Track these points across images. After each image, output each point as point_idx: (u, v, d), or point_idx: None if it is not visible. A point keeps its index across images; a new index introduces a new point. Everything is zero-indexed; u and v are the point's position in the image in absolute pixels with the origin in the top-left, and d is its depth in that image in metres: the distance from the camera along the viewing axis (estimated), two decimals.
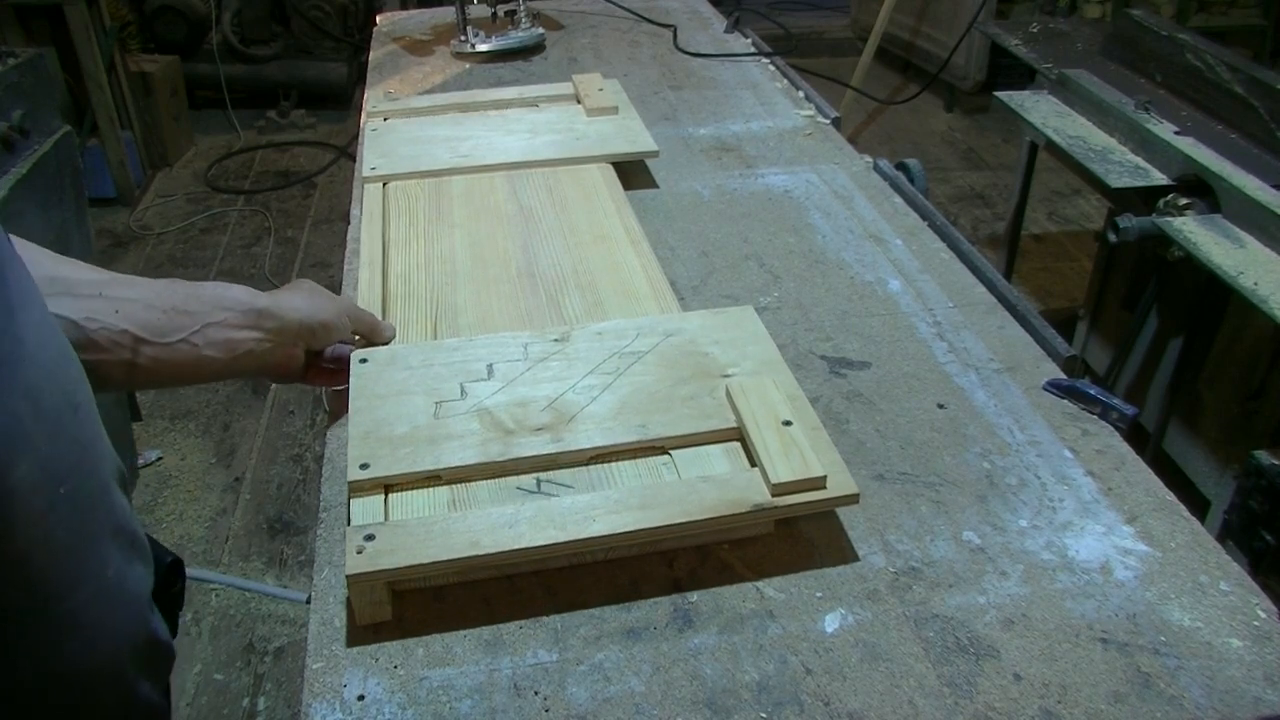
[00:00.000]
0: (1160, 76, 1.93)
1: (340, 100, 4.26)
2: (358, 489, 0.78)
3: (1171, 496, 0.85)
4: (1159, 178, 1.64)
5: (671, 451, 0.83)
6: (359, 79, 4.05)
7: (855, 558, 0.79)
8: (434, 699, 0.68)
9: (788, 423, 0.82)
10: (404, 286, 1.09)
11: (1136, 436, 0.99)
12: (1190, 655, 0.71)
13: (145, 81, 3.61)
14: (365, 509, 0.77)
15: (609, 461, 0.82)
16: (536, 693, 0.69)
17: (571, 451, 0.82)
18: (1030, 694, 0.68)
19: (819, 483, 0.77)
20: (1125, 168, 1.68)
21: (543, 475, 0.81)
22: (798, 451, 0.79)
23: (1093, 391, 0.94)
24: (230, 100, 4.14)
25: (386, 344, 0.96)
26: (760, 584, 0.77)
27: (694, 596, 0.76)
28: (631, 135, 1.42)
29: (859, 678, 0.70)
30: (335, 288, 0.92)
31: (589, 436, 0.83)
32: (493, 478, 0.81)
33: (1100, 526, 0.82)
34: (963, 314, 1.10)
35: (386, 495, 0.79)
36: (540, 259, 1.14)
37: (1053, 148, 1.83)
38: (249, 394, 2.62)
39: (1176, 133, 1.67)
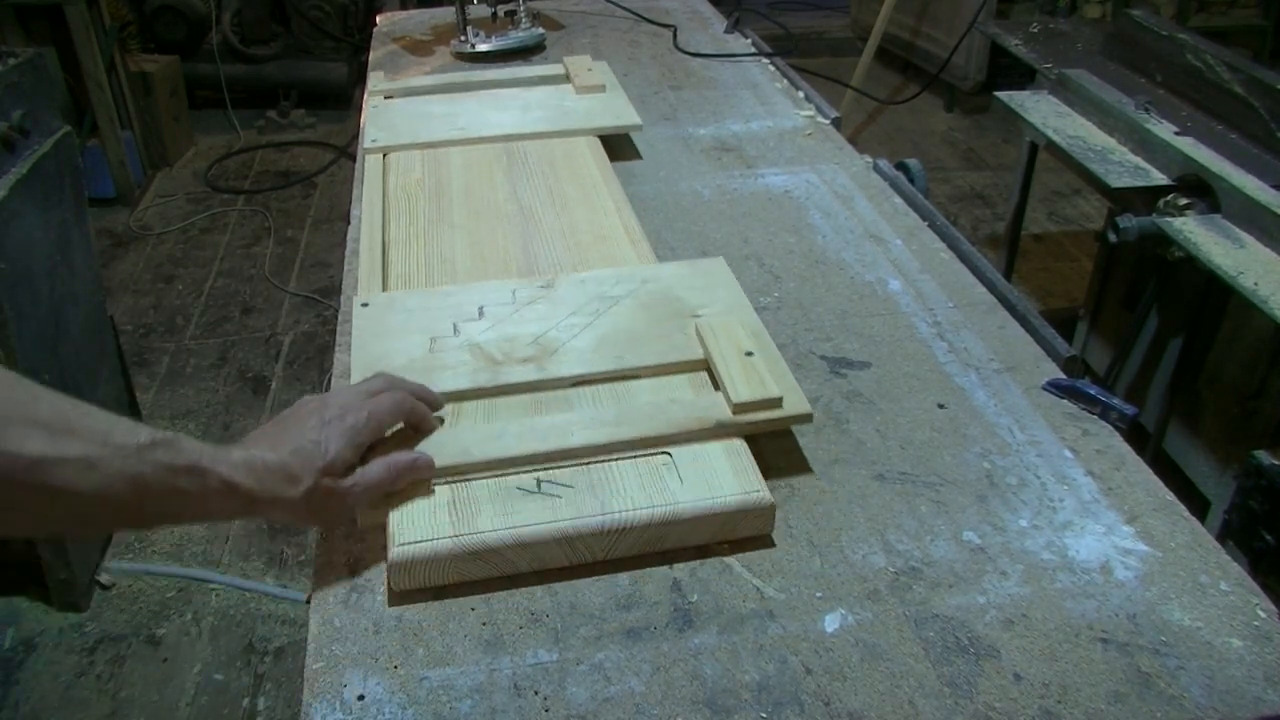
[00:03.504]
0: (1160, 76, 1.93)
1: (340, 100, 4.25)
2: None
3: (1171, 496, 0.85)
4: (1159, 178, 1.64)
5: (672, 451, 0.83)
6: (359, 79, 4.05)
7: (855, 557, 0.79)
8: (434, 699, 0.68)
9: (750, 353, 0.90)
10: (402, 249, 1.17)
11: (1136, 436, 0.99)
12: (1190, 655, 0.71)
13: (145, 81, 3.61)
14: None
15: (609, 460, 0.82)
16: (536, 693, 0.69)
17: (554, 378, 0.90)
18: (1030, 694, 0.68)
19: (776, 403, 0.85)
20: (1125, 168, 1.68)
21: (542, 475, 0.81)
22: (757, 376, 0.87)
23: (1093, 391, 0.94)
24: (230, 100, 4.13)
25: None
26: (760, 584, 0.77)
27: (694, 596, 0.76)
28: (617, 111, 1.51)
29: (859, 678, 0.70)
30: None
31: (570, 366, 0.91)
32: (483, 399, 0.89)
33: (1100, 526, 0.82)
34: (963, 314, 1.09)
35: None
36: (532, 215, 1.24)
37: (1053, 148, 1.82)
38: (249, 394, 2.62)
39: (1176, 133, 1.67)
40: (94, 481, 0.61)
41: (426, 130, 1.44)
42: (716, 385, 0.88)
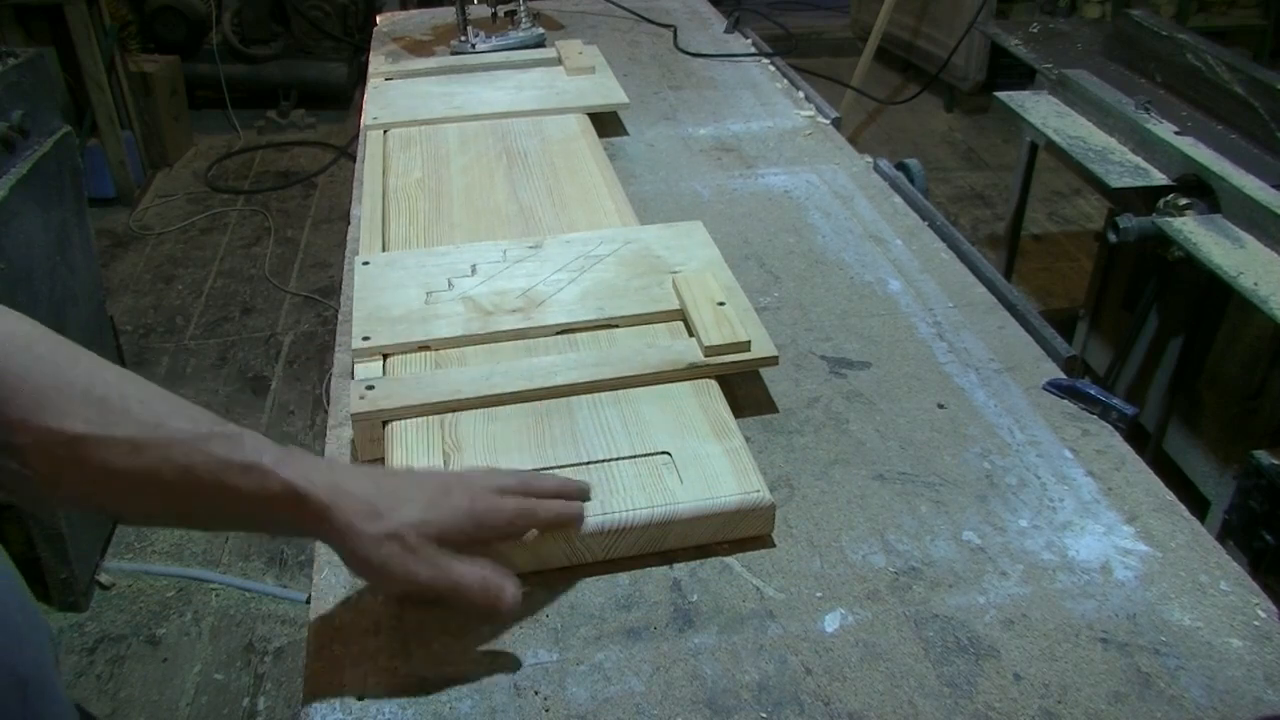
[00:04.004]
0: (1160, 76, 1.93)
1: (340, 100, 4.25)
2: (360, 355, 0.93)
3: (1171, 496, 0.85)
4: (1159, 178, 1.64)
5: (672, 454, 0.83)
6: (359, 79, 4.05)
7: (855, 557, 0.79)
8: (434, 699, 0.68)
9: (722, 303, 0.97)
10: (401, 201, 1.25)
11: (1136, 436, 0.99)
12: (1190, 655, 0.71)
13: (145, 81, 3.61)
14: (367, 369, 0.92)
15: (610, 461, 0.82)
16: (536, 693, 0.69)
17: (540, 326, 0.97)
18: (1030, 694, 0.68)
19: (744, 346, 0.92)
20: (1125, 168, 1.68)
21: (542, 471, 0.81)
22: (728, 323, 0.94)
23: (1093, 391, 0.94)
24: (230, 100, 4.13)
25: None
26: (760, 584, 0.77)
27: (694, 596, 0.76)
28: (605, 90, 1.58)
29: (859, 678, 0.70)
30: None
31: (555, 315, 0.98)
32: (474, 345, 0.95)
33: (1100, 526, 0.82)
34: (963, 314, 1.09)
35: (385, 360, 0.93)
36: (523, 191, 1.30)
37: (1053, 148, 1.83)
38: (249, 394, 2.62)
39: (1176, 133, 1.67)
40: (137, 465, 0.58)
41: (425, 108, 1.52)
42: (691, 333, 0.95)
